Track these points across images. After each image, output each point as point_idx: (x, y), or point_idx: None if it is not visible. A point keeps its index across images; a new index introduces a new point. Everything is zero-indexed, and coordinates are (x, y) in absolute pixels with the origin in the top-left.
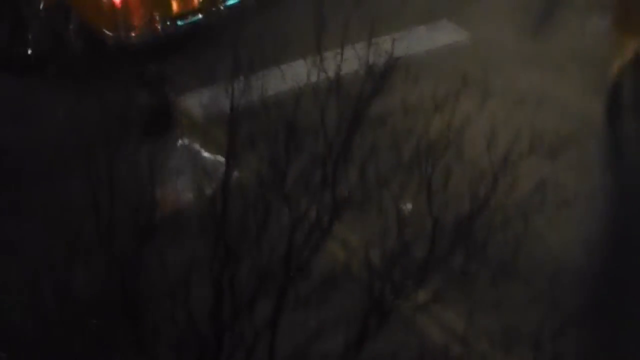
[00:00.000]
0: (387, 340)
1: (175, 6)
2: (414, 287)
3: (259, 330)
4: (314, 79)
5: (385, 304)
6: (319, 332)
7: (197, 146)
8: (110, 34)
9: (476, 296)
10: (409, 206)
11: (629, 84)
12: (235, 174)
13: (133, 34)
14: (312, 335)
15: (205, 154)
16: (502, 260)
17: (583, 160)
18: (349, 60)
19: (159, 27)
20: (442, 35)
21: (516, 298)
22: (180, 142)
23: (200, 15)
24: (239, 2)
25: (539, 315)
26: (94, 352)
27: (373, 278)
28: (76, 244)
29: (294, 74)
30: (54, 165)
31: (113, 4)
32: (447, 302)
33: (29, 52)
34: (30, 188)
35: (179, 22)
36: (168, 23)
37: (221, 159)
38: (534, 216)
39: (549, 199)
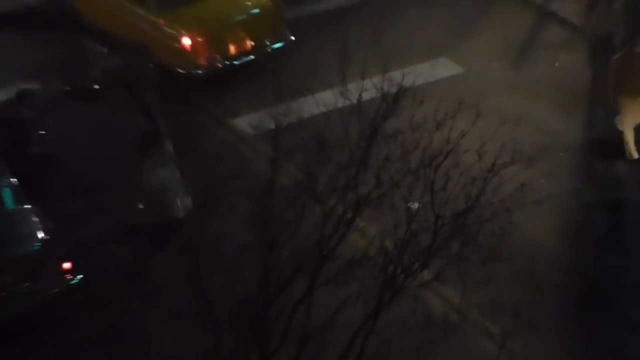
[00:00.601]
0: (398, 309)
1: (232, 49)
2: (419, 268)
3: (297, 302)
4: (339, 104)
5: (397, 281)
6: (345, 303)
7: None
8: (181, 71)
9: (469, 275)
10: (415, 205)
11: None
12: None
13: (199, 71)
14: (339, 305)
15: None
16: (490, 247)
17: (555, 168)
18: (367, 89)
19: (220, 66)
20: (442, 69)
21: (501, 277)
22: (165, 158)
23: (252, 57)
24: (282, 46)
25: (519, 290)
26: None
27: (387, 261)
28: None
29: (323, 100)
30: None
31: (184, 48)
32: (446, 280)
33: (95, 85)
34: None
35: (236, 62)
36: (227, 62)
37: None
38: (515, 212)
39: (527, 198)
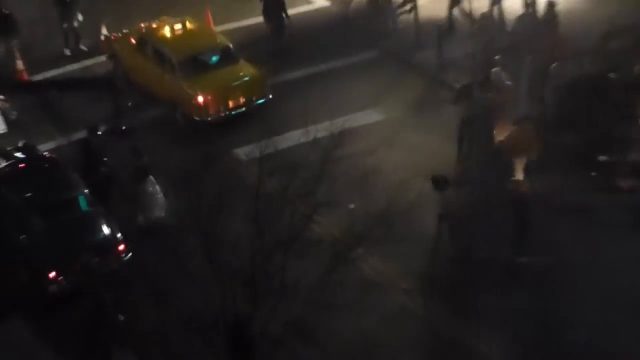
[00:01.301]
0: (341, 274)
1: (231, 104)
2: (356, 246)
3: (276, 270)
4: (303, 140)
5: (342, 254)
6: (308, 270)
7: (157, 186)
8: (197, 118)
9: (389, 251)
10: (352, 206)
11: None
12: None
13: (209, 119)
14: (304, 272)
15: (160, 191)
16: (402, 233)
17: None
18: (321, 130)
19: (222, 115)
20: (370, 117)
21: (411, 253)
22: (151, 184)
23: (244, 109)
24: (264, 101)
25: (424, 262)
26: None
27: (335, 241)
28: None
29: (292, 137)
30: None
31: (199, 104)
32: (375, 254)
33: (123, 127)
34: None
35: (233, 112)
36: (227, 113)
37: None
38: (418, 210)
39: (426, 201)
